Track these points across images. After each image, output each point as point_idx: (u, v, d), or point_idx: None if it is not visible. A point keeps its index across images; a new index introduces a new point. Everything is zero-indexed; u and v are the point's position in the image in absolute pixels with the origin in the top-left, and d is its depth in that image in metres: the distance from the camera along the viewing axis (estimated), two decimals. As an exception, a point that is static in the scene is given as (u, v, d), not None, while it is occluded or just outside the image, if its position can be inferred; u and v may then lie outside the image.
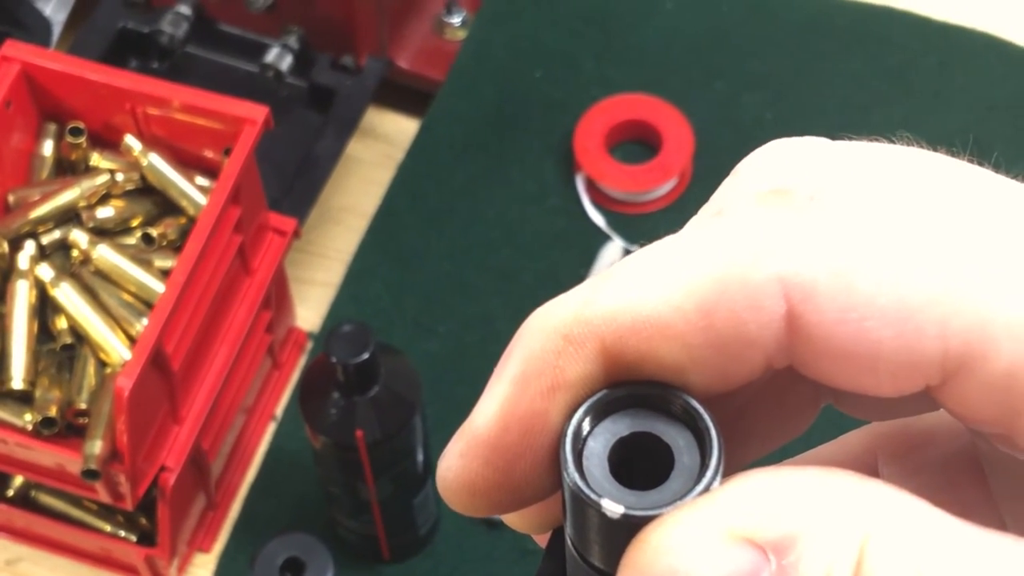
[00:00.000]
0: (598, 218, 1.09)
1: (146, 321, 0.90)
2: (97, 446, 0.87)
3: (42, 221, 0.95)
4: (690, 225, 0.30)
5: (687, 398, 0.29)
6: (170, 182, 0.96)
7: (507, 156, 1.12)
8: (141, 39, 1.13)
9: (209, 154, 0.98)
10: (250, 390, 1.02)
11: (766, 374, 0.29)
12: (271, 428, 1.06)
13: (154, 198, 0.97)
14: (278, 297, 1.03)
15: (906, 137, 0.32)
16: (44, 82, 0.96)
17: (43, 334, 0.93)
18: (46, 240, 0.95)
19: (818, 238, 0.28)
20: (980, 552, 0.26)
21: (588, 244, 1.09)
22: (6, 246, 0.93)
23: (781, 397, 0.33)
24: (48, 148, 0.99)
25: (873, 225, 0.28)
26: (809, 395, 0.33)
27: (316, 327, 1.08)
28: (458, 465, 0.30)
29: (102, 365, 0.92)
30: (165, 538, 0.95)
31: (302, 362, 1.08)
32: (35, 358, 0.92)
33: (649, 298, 0.28)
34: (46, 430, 0.90)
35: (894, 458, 0.34)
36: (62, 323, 0.93)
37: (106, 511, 0.99)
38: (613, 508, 0.28)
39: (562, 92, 1.14)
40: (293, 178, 1.08)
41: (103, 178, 0.96)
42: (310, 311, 1.09)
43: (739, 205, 0.29)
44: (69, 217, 0.95)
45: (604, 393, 0.29)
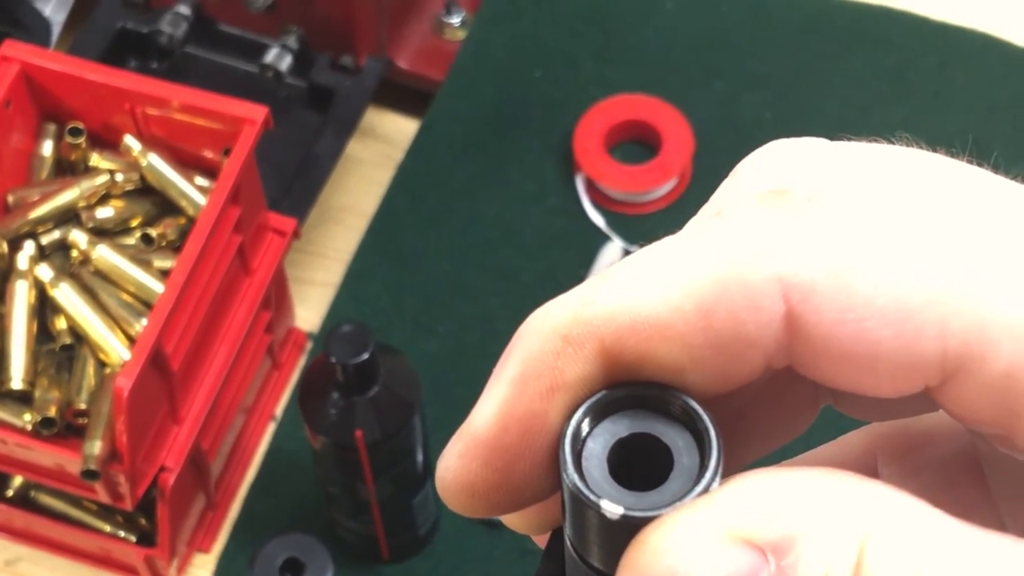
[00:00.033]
0: (597, 218, 1.09)
1: (145, 321, 0.90)
2: (96, 446, 0.87)
3: (41, 221, 0.95)
4: (689, 226, 0.30)
5: (686, 399, 0.29)
6: (169, 182, 0.96)
7: (506, 156, 1.12)
8: (140, 39, 1.13)
9: (208, 154, 0.98)
10: (249, 390, 1.02)
11: (765, 374, 0.29)
12: (271, 428, 1.06)
13: (153, 198, 0.97)
14: (277, 297, 1.03)
15: (905, 138, 0.32)
16: (43, 82, 0.96)
17: (42, 334, 0.93)
18: (45, 240, 0.95)
19: (817, 239, 0.28)
20: (979, 552, 0.26)
21: (587, 244, 1.09)
22: (5, 246, 0.93)
23: (780, 398, 0.33)
24: (47, 148, 0.99)
25: (872, 225, 0.28)
26: (808, 396, 0.33)
27: (316, 327, 1.08)
28: (457, 466, 0.30)
29: (101, 365, 0.92)
30: (164, 538, 0.95)
31: (302, 362, 1.08)
32: (34, 358, 0.92)
33: (648, 299, 0.28)
34: (45, 430, 0.90)
35: (893, 459, 0.34)
36: (61, 323, 0.93)
37: (105, 511, 0.99)
38: (612, 509, 0.28)
39: (562, 92, 1.14)
40: (292, 178, 1.08)
41: (102, 178, 0.96)
42: (310, 311, 1.09)
43: (738, 206, 0.29)
44: (68, 217, 0.95)
45: (603, 394, 0.29)
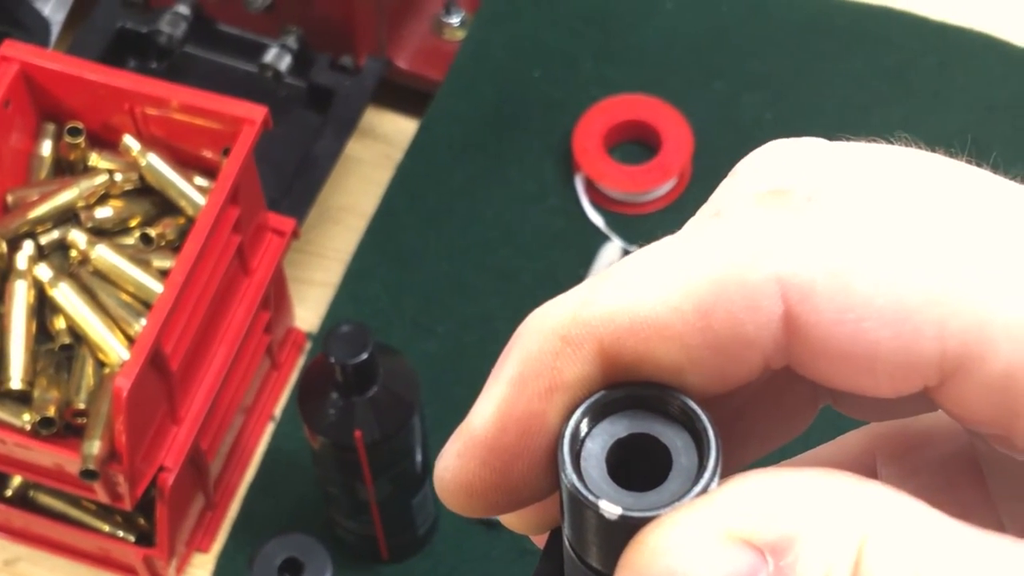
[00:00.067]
0: (597, 218, 1.09)
1: (144, 321, 0.90)
2: (95, 446, 0.87)
3: (40, 221, 0.94)
4: (688, 226, 0.30)
5: (685, 399, 0.29)
6: (169, 182, 0.96)
7: (506, 156, 1.12)
8: (140, 39, 1.13)
9: (208, 154, 0.97)
10: (249, 390, 1.02)
11: (764, 374, 0.29)
12: (270, 428, 1.06)
13: (153, 198, 0.97)
14: (277, 297, 1.03)
15: (904, 138, 0.32)
16: (43, 82, 0.96)
17: (41, 334, 0.93)
18: (44, 240, 0.95)
19: (816, 239, 0.28)
20: (978, 553, 0.26)
21: (587, 244, 1.08)
22: (4, 246, 0.93)
23: (779, 398, 0.33)
24: (47, 148, 0.99)
25: (871, 226, 0.28)
26: (807, 396, 0.33)
27: (315, 327, 1.08)
28: (455, 465, 0.30)
29: (100, 365, 0.92)
30: (163, 538, 0.95)
31: (301, 362, 1.08)
32: (33, 358, 0.92)
33: (647, 299, 0.28)
34: (44, 430, 0.90)
35: (892, 459, 0.34)
36: (60, 323, 0.93)
37: (104, 511, 0.99)
38: (611, 509, 0.28)
39: (561, 92, 1.14)
40: (292, 178, 1.08)
41: (102, 178, 0.96)
42: (309, 311, 1.09)
43: (737, 206, 0.29)
44: (68, 217, 0.95)
45: (602, 394, 0.29)
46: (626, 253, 1.06)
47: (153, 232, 0.96)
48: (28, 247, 0.94)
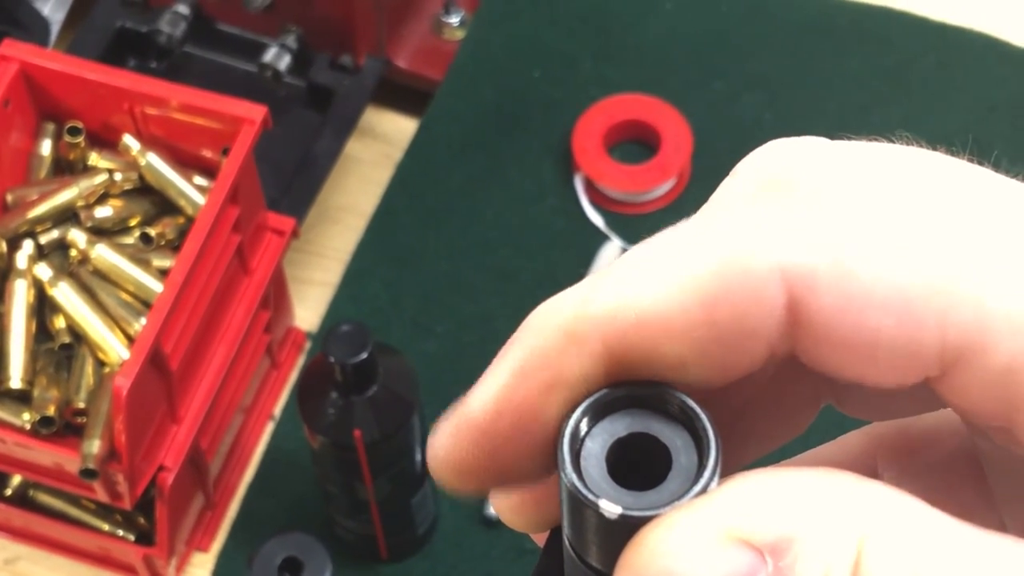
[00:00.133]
0: (597, 218, 1.09)
1: (144, 321, 0.90)
2: (95, 445, 0.87)
3: (40, 220, 0.94)
4: (690, 220, 0.30)
5: (685, 398, 0.29)
6: (168, 182, 0.96)
7: (505, 156, 1.12)
8: (139, 39, 1.13)
9: (207, 154, 0.97)
10: (248, 390, 1.02)
11: (769, 365, 0.29)
12: (269, 428, 1.06)
13: (152, 198, 0.97)
14: (276, 297, 1.03)
15: (906, 137, 0.32)
16: (42, 81, 0.96)
17: (41, 333, 0.93)
18: (44, 239, 0.95)
19: (818, 229, 0.28)
20: (978, 553, 0.26)
21: (587, 244, 1.08)
22: (4, 245, 0.93)
23: (780, 397, 0.33)
24: (46, 147, 0.99)
25: (873, 217, 0.28)
26: (808, 395, 0.33)
27: (314, 327, 1.08)
28: (448, 444, 0.30)
29: (100, 364, 0.92)
30: (163, 537, 0.95)
31: (300, 362, 1.08)
32: (33, 357, 0.92)
33: (651, 295, 0.28)
34: (44, 429, 0.90)
35: (893, 459, 0.34)
36: (60, 322, 0.93)
37: (104, 510, 0.98)
38: (610, 508, 0.28)
39: (561, 92, 1.14)
40: (291, 178, 1.08)
41: (101, 178, 0.96)
42: (308, 311, 1.09)
43: (739, 199, 0.29)
44: (67, 216, 0.95)
45: (602, 393, 0.29)
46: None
47: (153, 231, 0.95)
48: (28, 246, 0.94)
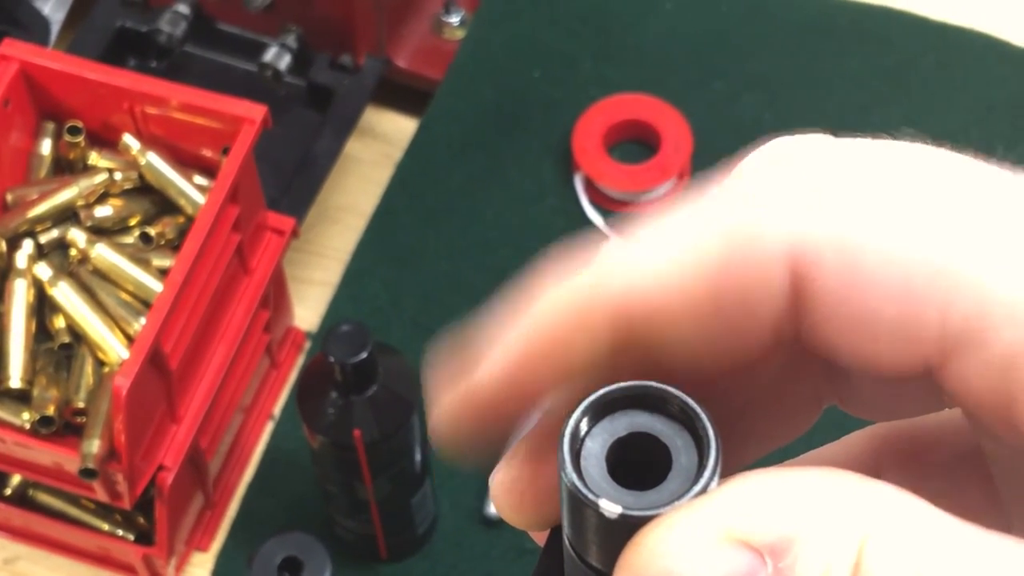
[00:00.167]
0: (596, 218, 1.09)
1: (144, 320, 0.90)
2: (95, 445, 0.87)
3: (40, 220, 0.94)
4: (696, 197, 0.31)
5: (685, 398, 0.29)
6: (168, 181, 0.96)
7: (505, 156, 1.12)
8: (139, 38, 1.13)
9: (207, 153, 0.97)
10: (248, 389, 1.02)
11: (773, 356, 0.30)
12: (269, 427, 1.06)
13: (152, 197, 0.97)
14: (276, 296, 1.03)
15: (910, 133, 0.32)
16: (42, 81, 0.96)
17: (41, 333, 0.93)
18: (44, 239, 0.95)
19: (825, 207, 0.28)
20: (982, 553, 0.26)
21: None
22: (4, 245, 0.93)
23: (782, 397, 0.33)
24: (46, 147, 0.98)
25: (880, 201, 0.28)
26: (811, 395, 0.33)
27: (314, 326, 1.08)
28: (451, 411, 0.31)
29: (100, 364, 0.92)
30: (163, 537, 0.95)
31: (300, 361, 1.08)
32: (33, 357, 0.92)
33: (659, 274, 0.29)
34: (44, 429, 0.90)
35: (898, 460, 0.34)
36: (60, 322, 0.93)
37: (104, 510, 0.98)
38: (611, 508, 0.28)
39: (561, 92, 1.14)
40: (291, 177, 1.08)
41: (101, 177, 0.96)
42: (308, 310, 1.09)
43: (747, 178, 0.30)
44: (67, 216, 0.95)
45: (602, 393, 0.29)
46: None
47: (153, 231, 0.95)
48: (28, 246, 0.94)
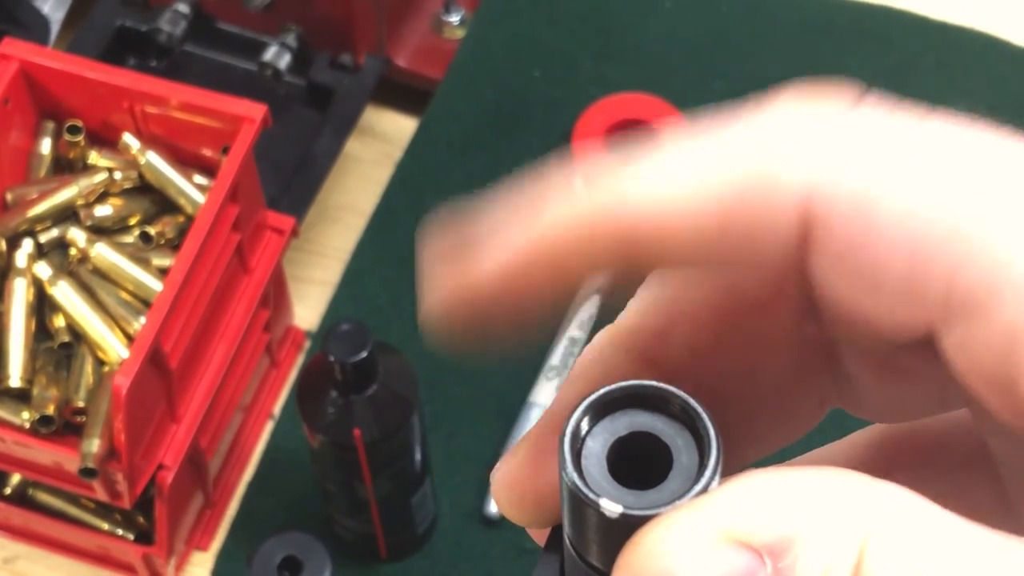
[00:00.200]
0: (596, 217, 1.09)
1: (144, 319, 0.90)
2: (95, 444, 0.87)
3: (40, 219, 0.94)
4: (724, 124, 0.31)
5: (686, 398, 0.29)
6: (168, 180, 0.96)
7: (505, 156, 1.12)
8: (139, 37, 1.13)
9: (207, 152, 0.97)
10: (248, 389, 1.02)
11: (774, 299, 0.30)
12: (269, 427, 1.06)
13: (152, 196, 0.97)
14: (276, 296, 1.03)
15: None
16: (42, 80, 0.96)
17: (41, 332, 0.93)
18: (44, 238, 0.95)
19: (847, 155, 0.28)
20: (986, 552, 0.26)
21: (586, 243, 1.08)
22: (4, 244, 0.93)
23: (785, 398, 0.33)
24: (46, 146, 0.98)
25: (900, 157, 0.28)
26: (815, 397, 0.33)
27: (314, 326, 1.08)
28: (444, 301, 0.31)
29: (100, 363, 0.92)
30: (163, 536, 0.95)
31: (300, 361, 1.08)
32: (33, 356, 0.92)
33: (671, 194, 0.29)
34: (44, 428, 0.90)
35: (904, 460, 0.34)
36: (60, 321, 0.93)
37: (104, 509, 0.98)
38: (611, 508, 0.28)
39: (561, 91, 1.14)
40: (291, 176, 1.08)
41: (101, 176, 0.96)
42: (308, 310, 1.09)
43: (774, 115, 0.29)
44: (67, 215, 0.95)
45: (603, 392, 0.29)
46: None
47: (152, 230, 0.95)
48: (27, 245, 0.94)
